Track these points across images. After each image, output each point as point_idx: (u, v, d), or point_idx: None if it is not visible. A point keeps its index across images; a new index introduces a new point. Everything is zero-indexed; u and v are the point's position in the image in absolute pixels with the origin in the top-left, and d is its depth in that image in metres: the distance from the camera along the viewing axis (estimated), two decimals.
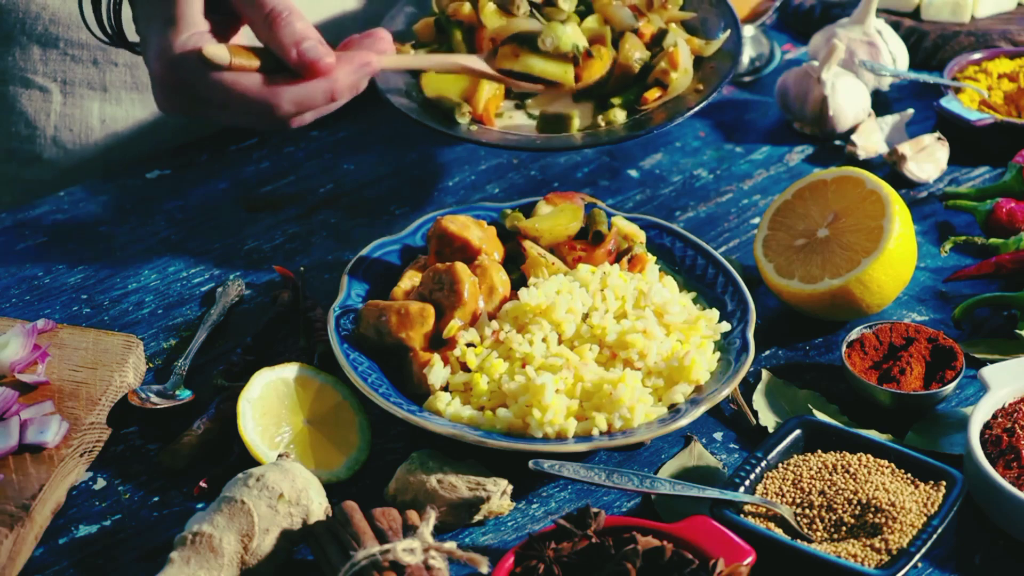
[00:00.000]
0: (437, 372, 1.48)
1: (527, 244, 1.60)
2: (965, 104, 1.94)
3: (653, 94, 1.77)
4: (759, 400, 1.54)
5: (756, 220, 1.82)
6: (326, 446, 1.46)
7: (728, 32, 1.81)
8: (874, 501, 1.37)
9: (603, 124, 1.76)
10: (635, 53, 1.77)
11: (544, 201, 1.67)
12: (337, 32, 2.00)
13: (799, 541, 1.35)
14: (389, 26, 1.88)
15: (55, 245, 1.78)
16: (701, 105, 1.73)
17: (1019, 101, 1.95)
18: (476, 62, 1.73)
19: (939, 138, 1.89)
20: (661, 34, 1.79)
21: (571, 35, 1.73)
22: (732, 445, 1.50)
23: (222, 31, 1.52)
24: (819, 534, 1.36)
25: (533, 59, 1.72)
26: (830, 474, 1.40)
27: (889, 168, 1.89)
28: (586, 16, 1.79)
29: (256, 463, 1.42)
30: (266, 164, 1.92)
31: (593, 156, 1.93)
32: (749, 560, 1.28)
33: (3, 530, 1.33)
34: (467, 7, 1.78)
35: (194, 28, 1.46)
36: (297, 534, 1.33)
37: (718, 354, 1.53)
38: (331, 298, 1.59)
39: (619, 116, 1.76)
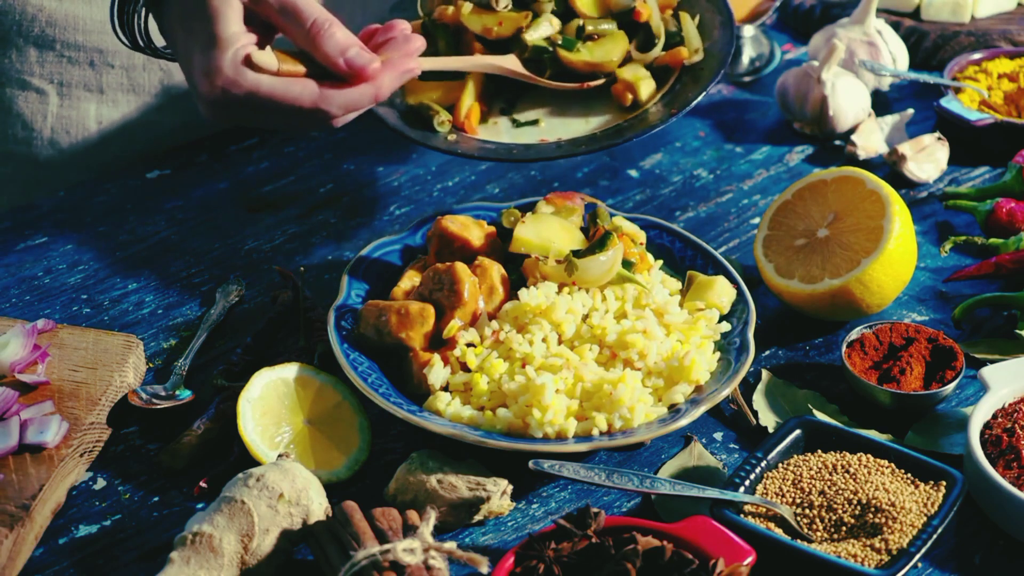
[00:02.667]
0: (437, 372, 1.48)
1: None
2: (965, 104, 1.94)
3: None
4: (759, 400, 1.54)
5: (756, 220, 1.82)
6: (326, 446, 1.46)
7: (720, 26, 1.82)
8: (874, 501, 1.37)
9: (629, 98, 1.77)
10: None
11: (544, 201, 1.67)
12: None
13: (799, 541, 1.35)
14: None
15: (55, 245, 1.78)
16: (694, 103, 1.73)
17: (1019, 101, 1.95)
18: (511, 62, 1.73)
19: (939, 138, 1.89)
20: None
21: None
22: (732, 445, 1.50)
23: (258, 44, 1.51)
24: (819, 534, 1.36)
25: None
26: (830, 474, 1.40)
27: (889, 168, 1.89)
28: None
29: (256, 463, 1.42)
30: (266, 164, 1.92)
31: (593, 156, 1.93)
32: (749, 560, 1.28)
33: (3, 530, 1.33)
34: (450, 9, 1.78)
35: (237, 43, 1.46)
36: (297, 534, 1.33)
37: (718, 354, 1.53)
38: (331, 298, 1.59)
39: (646, 88, 1.78)
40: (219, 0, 1.47)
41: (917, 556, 1.32)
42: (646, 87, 1.77)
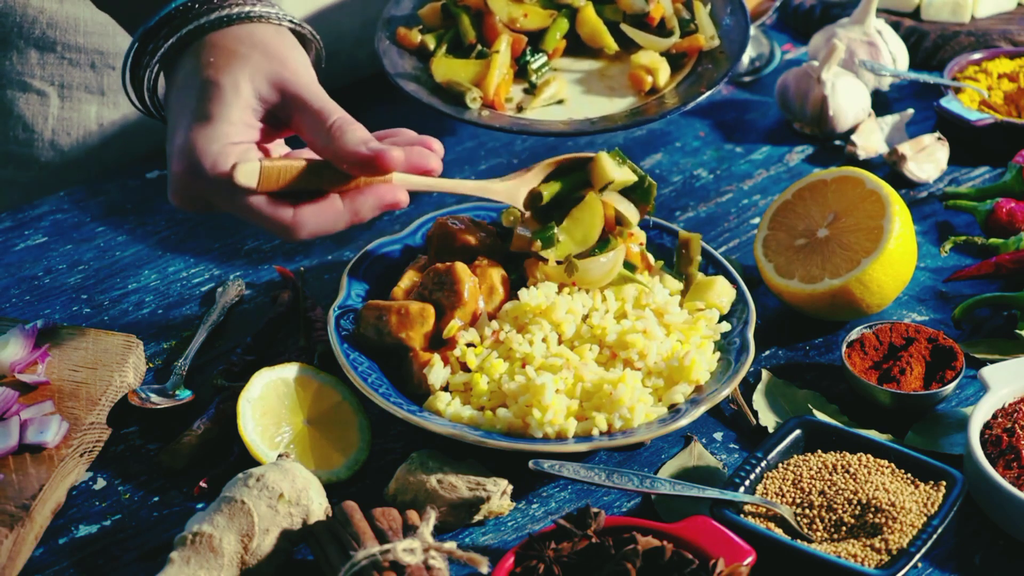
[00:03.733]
0: (437, 372, 1.48)
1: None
2: (965, 104, 1.94)
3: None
4: (759, 400, 1.54)
5: (756, 220, 1.82)
6: (326, 446, 1.46)
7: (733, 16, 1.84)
8: (874, 501, 1.37)
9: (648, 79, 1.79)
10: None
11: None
12: (336, 34, 2.01)
13: (799, 541, 1.35)
14: (394, 11, 1.89)
15: (55, 245, 1.78)
16: (715, 88, 1.76)
17: (1019, 101, 1.95)
18: (504, 195, 1.58)
19: (939, 138, 1.89)
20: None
21: None
22: (732, 445, 1.50)
23: (261, 139, 1.43)
24: (819, 534, 1.36)
25: None
26: (830, 474, 1.40)
27: (889, 168, 1.89)
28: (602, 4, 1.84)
29: (256, 463, 1.42)
30: None
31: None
32: (749, 560, 1.28)
33: (3, 530, 1.33)
34: None
35: (230, 138, 1.37)
36: (297, 534, 1.33)
37: (718, 354, 1.53)
38: (331, 298, 1.59)
39: (664, 72, 1.80)
40: (229, 82, 1.39)
41: (917, 556, 1.32)
42: (664, 71, 1.81)
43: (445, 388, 1.49)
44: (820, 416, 1.50)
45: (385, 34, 1.87)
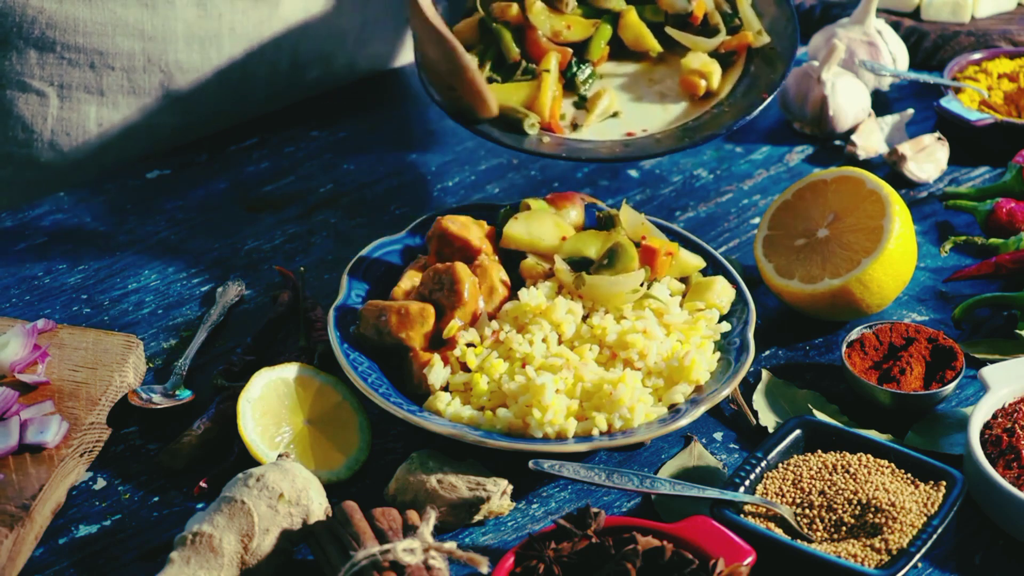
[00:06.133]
0: (437, 372, 1.48)
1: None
2: (965, 104, 1.95)
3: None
4: (759, 400, 1.54)
5: (756, 220, 1.82)
6: (326, 446, 1.46)
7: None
8: (874, 501, 1.37)
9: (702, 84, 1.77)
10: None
11: (545, 202, 1.67)
12: (336, 34, 2.01)
13: (799, 541, 1.35)
14: None
15: (55, 245, 1.78)
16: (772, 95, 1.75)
17: (1019, 101, 1.95)
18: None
19: (939, 138, 1.89)
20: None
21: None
22: (732, 445, 1.50)
23: None
24: (819, 534, 1.36)
25: None
26: (830, 474, 1.40)
27: (889, 168, 1.89)
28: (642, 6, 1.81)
29: (256, 463, 1.42)
30: (266, 164, 1.92)
31: None
32: (749, 560, 1.28)
33: (3, 530, 1.33)
34: (514, 8, 1.75)
35: None
36: (297, 534, 1.33)
37: (718, 354, 1.53)
38: (331, 298, 1.59)
39: (718, 74, 1.79)
40: None
41: (917, 556, 1.32)
42: (717, 74, 1.78)
43: (445, 388, 1.49)
44: (820, 416, 1.50)
45: (420, 55, 1.78)
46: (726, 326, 1.56)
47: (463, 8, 1.85)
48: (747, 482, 1.40)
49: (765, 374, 1.57)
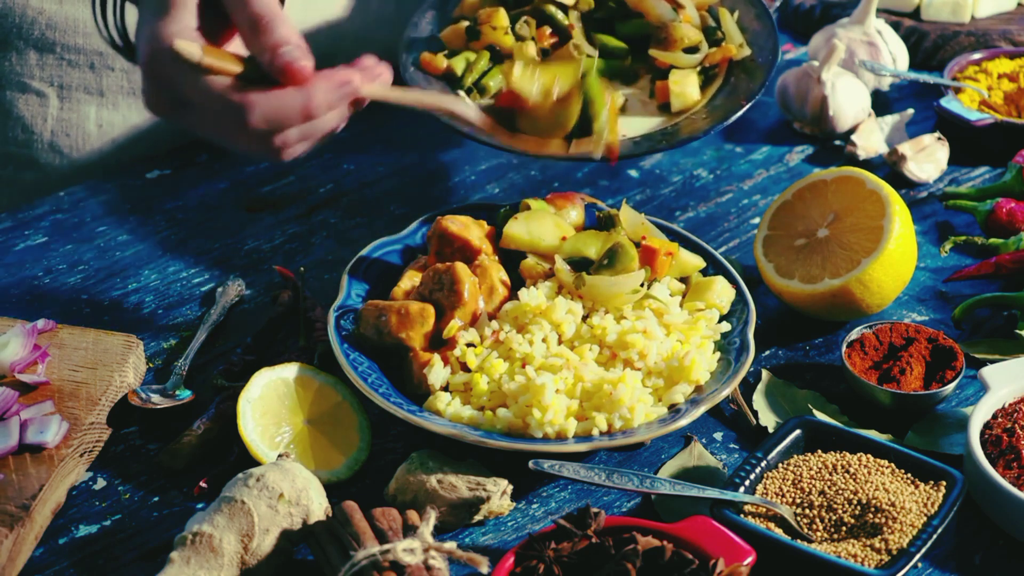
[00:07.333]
0: (437, 372, 1.48)
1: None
2: (965, 104, 1.95)
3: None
4: (759, 400, 1.54)
5: (756, 220, 1.82)
6: (326, 446, 1.46)
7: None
8: (874, 501, 1.37)
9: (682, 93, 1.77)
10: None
11: (545, 202, 1.67)
12: (336, 34, 2.01)
13: (799, 541, 1.35)
14: (413, 33, 1.85)
15: (55, 245, 1.78)
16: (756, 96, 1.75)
17: (1019, 101, 1.95)
18: (466, 108, 1.57)
19: (939, 138, 1.89)
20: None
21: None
22: (732, 445, 1.50)
23: (216, 33, 1.43)
24: (819, 534, 1.36)
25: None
26: (830, 474, 1.40)
27: (889, 168, 1.89)
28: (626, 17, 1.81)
29: (256, 463, 1.42)
30: (266, 164, 1.92)
31: None
32: (749, 560, 1.28)
33: (3, 530, 1.33)
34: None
35: (185, 21, 1.37)
36: (297, 534, 1.33)
37: (718, 354, 1.52)
38: (331, 298, 1.59)
39: (692, 86, 1.78)
40: None
41: (917, 556, 1.32)
42: (694, 88, 1.78)
43: (445, 388, 1.49)
44: (820, 416, 1.50)
45: (409, 60, 1.81)
46: (726, 326, 1.56)
47: (449, 12, 1.87)
48: (747, 482, 1.40)
49: (765, 374, 1.57)
